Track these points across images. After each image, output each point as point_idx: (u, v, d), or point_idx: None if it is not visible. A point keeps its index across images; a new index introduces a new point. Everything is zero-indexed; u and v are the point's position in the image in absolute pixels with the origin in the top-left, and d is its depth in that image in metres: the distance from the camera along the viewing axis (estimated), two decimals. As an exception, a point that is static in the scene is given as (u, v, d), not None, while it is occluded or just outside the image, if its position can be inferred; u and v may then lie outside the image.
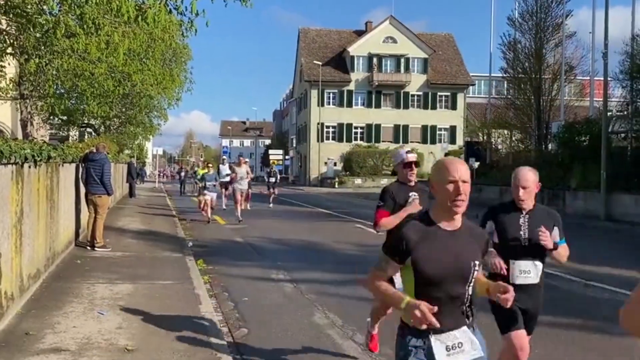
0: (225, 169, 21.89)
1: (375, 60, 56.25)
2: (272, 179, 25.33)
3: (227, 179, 20.38)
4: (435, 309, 2.43)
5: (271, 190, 24.59)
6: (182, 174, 37.64)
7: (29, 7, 10.16)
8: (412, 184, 4.87)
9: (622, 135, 23.80)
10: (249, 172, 18.55)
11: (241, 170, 18.10)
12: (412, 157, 4.85)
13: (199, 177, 18.67)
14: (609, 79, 20.67)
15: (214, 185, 17.27)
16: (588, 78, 29.13)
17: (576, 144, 23.49)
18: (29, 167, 6.63)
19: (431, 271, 2.55)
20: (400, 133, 56.53)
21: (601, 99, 21.29)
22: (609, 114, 21.40)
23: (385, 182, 51.99)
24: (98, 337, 5.34)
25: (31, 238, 6.82)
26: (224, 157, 24.26)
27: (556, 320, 6.59)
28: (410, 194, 4.78)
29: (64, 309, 6.28)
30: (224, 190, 21.12)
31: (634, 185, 19.50)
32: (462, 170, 2.57)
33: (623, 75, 21.82)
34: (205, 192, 16.58)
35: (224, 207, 20.48)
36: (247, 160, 21.20)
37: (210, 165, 17.92)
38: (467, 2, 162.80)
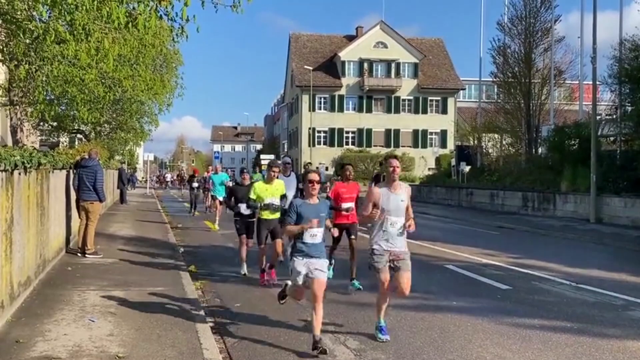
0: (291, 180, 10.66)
1: (366, 65, 56.38)
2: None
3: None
4: None
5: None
6: (195, 184, 23.66)
7: (18, 13, 10.12)
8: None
9: (611, 138, 24.03)
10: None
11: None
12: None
13: (251, 197, 8.72)
14: (597, 83, 20.84)
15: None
16: (577, 82, 29.37)
17: (566, 147, 23.69)
18: (19, 174, 6.60)
19: None
20: (392, 137, 56.67)
21: (590, 103, 21.44)
22: (598, 117, 21.56)
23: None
24: (89, 345, 5.31)
25: (21, 245, 6.78)
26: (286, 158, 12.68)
27: (547, 323, 6.63)
28: None
29: (55, 317, 6.25)
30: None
31: (623, 188, 19.67)
32: None
33: (612, 80, 22.03)
34: (298, 257, 6.00)
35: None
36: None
37: (273, 171, 8.53)
38: (457, 7, 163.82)
